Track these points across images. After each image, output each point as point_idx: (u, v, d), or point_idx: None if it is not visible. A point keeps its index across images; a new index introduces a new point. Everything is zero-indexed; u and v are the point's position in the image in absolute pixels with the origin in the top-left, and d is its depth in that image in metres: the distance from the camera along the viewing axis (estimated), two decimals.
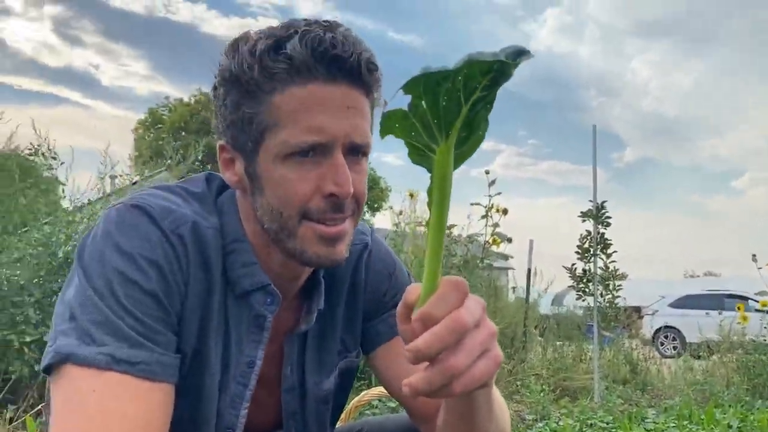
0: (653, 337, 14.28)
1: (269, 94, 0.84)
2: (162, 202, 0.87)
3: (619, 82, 73.35)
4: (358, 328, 1.09)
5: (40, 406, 3.37)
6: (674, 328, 14.01)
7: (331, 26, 0.85)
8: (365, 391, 1.79)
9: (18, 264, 3.75)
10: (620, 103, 72.01)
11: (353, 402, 1.71)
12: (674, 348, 13.59)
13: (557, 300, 8.92)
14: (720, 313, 7.54)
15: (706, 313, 7.51)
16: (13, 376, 3.43)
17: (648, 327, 14.49)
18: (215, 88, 0.90)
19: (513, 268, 7.99)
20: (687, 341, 12.39)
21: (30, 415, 3.05)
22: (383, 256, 1.11)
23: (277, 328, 0.99)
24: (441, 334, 0.55)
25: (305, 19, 0.86)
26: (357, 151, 0.88)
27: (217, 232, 0.91)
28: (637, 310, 15.45)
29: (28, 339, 3.50)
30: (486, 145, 0.59)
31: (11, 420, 3.24)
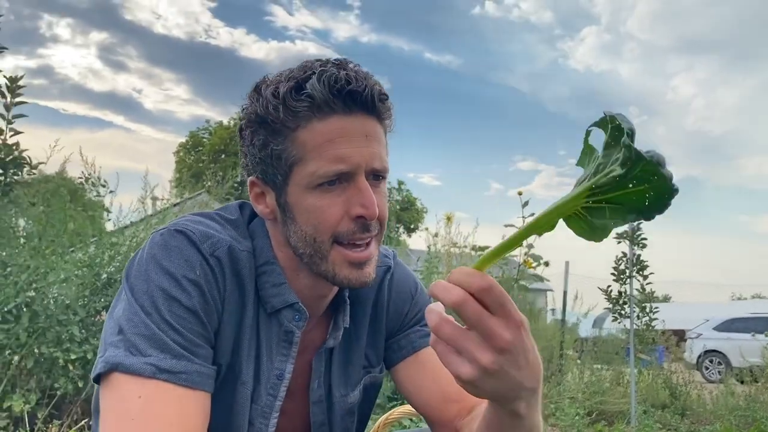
0: (697, 362, 13.90)
1: (294, 131, 0.93)
2: (201, 227, 0.96)
3: (661, 100, 72.25)
4: (381, 345, 1.16)
5: (84, 422, 3.49)
6: (719, 352, 13.60)
7: (343, 64, 0.95)
8: (394, 409, 1.84)
9: (64, 284, 3.92)
10: (662, 121, 70.88)
11: (381, 419, 1.75)
12: (719, 372, 13.17)
13: (598, 323, 8.80)
14: (766, 336, 7.32)
15: (752, 335, 7.26)
16: (59, 392, 3.57)
17: (690, 351, 14.12)
18: (242, 130, 0.99)
19: (552, 290, 7.93)
20: (732, 365, 12.03)
21: (74, 431, 3.17)
22: (405, 278, 1.20)
23: (306, 344, 1.07)
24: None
25: (319, 60, 0.96)
26: (377, 176, 0.97)
27: (250, 255, 1.00)
28: (680, 333, 15.09)
29: (72, 356, 3.64)
30: (525, 165, 0.65)
31: None
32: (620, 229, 5.44)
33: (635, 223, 5.42)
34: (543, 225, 0.64)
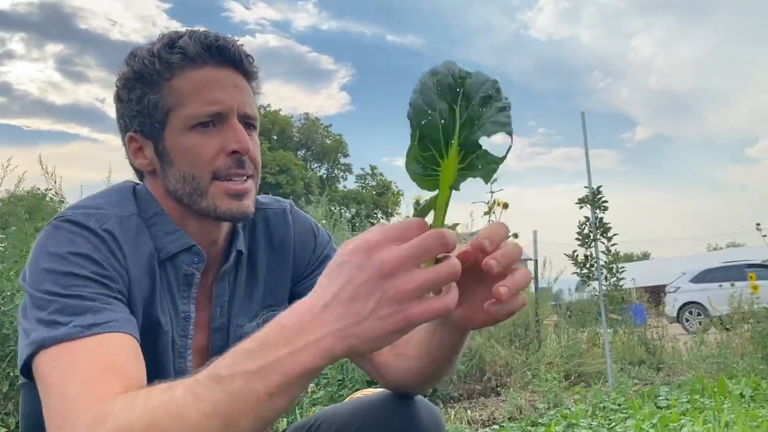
0: (678, 314, 14.19)
1: (169, 81, 1.03)
2: (82, 210, 0.98)
3: (623, 62, 72.79)
4: (287, 284, 1.21)
5: None
6: (698, 303, 13.89)
7: (211, 32, 1.06)
8: (351, 395, 1.89)
9: None
10: (627, 83, 71.43)
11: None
12: (700, 323, 13.48)
13: (579, 288, 8.94)
14: (732, 285, 7.50)
15: (732, 284, 7.37)
16: None
17: (671, 305, 14.41)
18: (118, 92, 1.07)
19: (531, 259, 8.03)
20: (711, 315, 12.33)
21: None
22: (305, 219, 1.26)
23: (207, 277, 1.11)
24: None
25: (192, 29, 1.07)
26: (249, 124, 1.07)
27: (137, 216, 1.04)
28: (660, 289, 15.38)
29: None
30: (495, 138, 0.68)
31: None
32: (581, 194, 5.55)
33: (595, 187, 5.53)
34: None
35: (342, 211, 6.73)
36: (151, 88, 1.03)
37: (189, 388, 0.71)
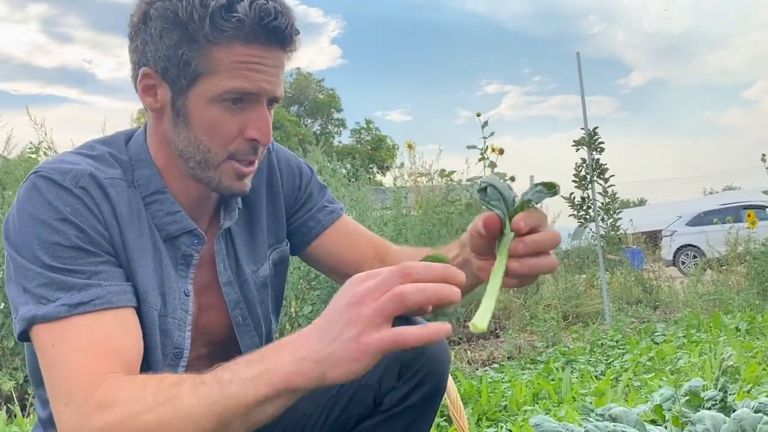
0: (674, 258, 14.32)
1: (213, 45, 0.95)
2: (57, 165, 0.97)
3: (619, 5, 71.54)
4: (283, 221, 1.24)
5: None
6: (694, 246, 14.00)
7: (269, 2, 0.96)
8: None
9: None
10: (623, 27, 70.37)
11: None
12: (696, 265, 13.62)
13: (576, 234, 8.99)
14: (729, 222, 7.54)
15: (731, 226, 7.42)
16: None
17: (667, 249, 14.52)
18: (146, 19, 0.97)
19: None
20: (707, 257, 12.43)
21: None
22: (288, 156, 1.28)
23: (207, 236, 1.11)
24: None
25: None
26: (273, 102, 1.04)
27: (120, 182, 1.02)
28: (656, 234, 15.48)
29: None
30: (491, 88, 0.71)
31: None
32: (577, 136, 5.52)
33: (591, 128, 5.50)
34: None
35: (338, 166, 6.71)
36: (190, 43, 0.95)
37: (195, 387, 0.80)
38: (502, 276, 0.86)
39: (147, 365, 0.98)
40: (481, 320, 0.80)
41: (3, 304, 3.66)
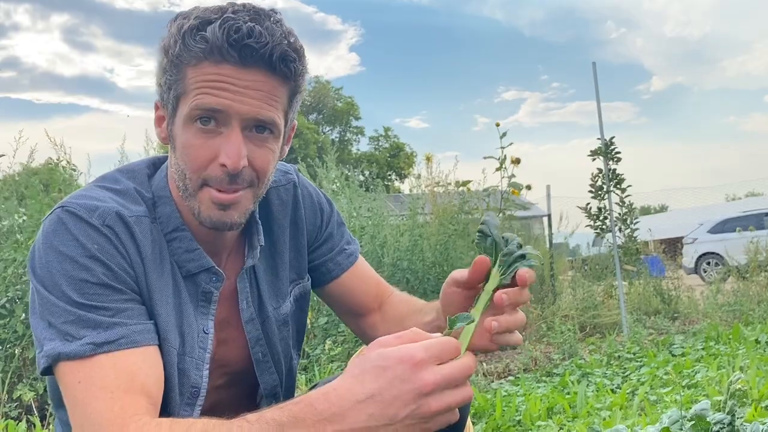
0: (696, 265, 14.12)
1: (186, 67, 0.97)
2: (85, 201, 0.98)
3: (638, 11, 70.97)
4: (305, 256, 1.25)
5: None
6: (716, 253, 13.80)
7: (258, 17, 0.95)
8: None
9: None
10: (642, 32, 69.80)
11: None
12: (717, 273, 13.42)
13: (597, 242, 8.92)
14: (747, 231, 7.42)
15: (753, 235, 7.29)
16: None
17: (689, 257, 14.33)
18: (159, 53, 1.02)
19: (545, 214, 7.98)
20: (729, 265, 12.25)
21: None
22: (311, 191, 1.28)
23: (228, 273, 1.12)
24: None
25: (236, 5, 0.98)
26: (262, 128, 0.99)
27: (145, 219, 1.03)
28: (676, 241, 15.27)
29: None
30: (509, 95, 0.72)
31: None
32: (593, 146, 5.49)
33: (607, 138, 5.47)
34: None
35: (354, 173, 6.74)
36: (171, 68, 0.98)
37: None
38: (485, 304, 0.92)
39: (164, 403, 0.98)
40: None
41: (24, 314, 3.72)
